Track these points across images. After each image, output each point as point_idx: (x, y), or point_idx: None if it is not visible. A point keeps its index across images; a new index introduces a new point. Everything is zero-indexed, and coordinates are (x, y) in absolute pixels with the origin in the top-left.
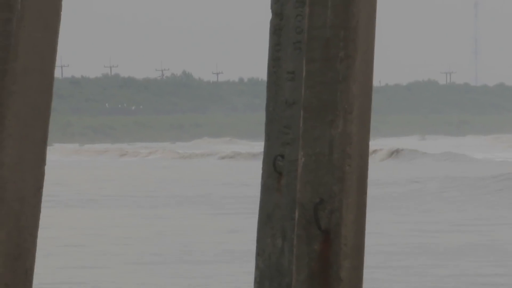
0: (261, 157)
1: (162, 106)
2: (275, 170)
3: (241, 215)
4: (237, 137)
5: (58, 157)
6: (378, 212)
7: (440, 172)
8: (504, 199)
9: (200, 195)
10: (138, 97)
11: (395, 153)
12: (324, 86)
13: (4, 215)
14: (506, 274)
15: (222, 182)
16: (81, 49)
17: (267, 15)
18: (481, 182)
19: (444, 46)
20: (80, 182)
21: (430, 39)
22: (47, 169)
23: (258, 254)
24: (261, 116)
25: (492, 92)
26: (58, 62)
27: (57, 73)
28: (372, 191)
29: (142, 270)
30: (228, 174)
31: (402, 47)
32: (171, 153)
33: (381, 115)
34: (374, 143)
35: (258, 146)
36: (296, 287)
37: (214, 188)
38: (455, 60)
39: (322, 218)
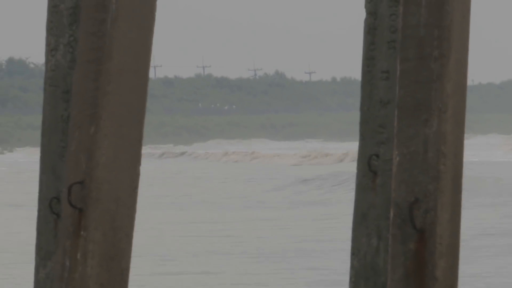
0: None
1: (255, 106)
2: (370, 169)
3: None
4: (329, 137)
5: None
6: None
7: None
8: None
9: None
10: (231, 97)
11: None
12: (418, 85)
13: (99, 216)
14: None
15: None
16: (174, 49)
17: (361, 14)
18: None
19: None
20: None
21: None
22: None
23: (353, 253)
24: (354, 116)
25: None
26: (151, 62)
27: (150, 73)
28: None
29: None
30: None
31: (495, 46)
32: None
33: (474, 114)
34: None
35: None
36: (392, 287)
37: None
38: None
39: (417, 217)
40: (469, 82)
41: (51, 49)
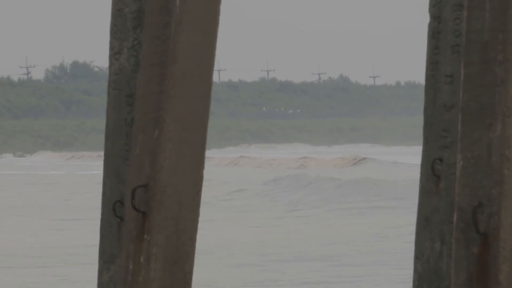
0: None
1: (319, 109)
2: (433, 173)
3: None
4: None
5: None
6: None
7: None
8: None
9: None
10: (295, 101)
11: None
12: (482, 89)
13: (163, 219)
14: None
15: None
16: (238, 53)
17: (424, 18)
18: None
19: None
20: None
21: None
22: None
23: (417, 257)
24: (418, 120)
25: None
26: (215, 66)
27: (215, 77)
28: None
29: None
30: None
31: None
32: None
33: None
34: None
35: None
36: None
37: None
38: None
39: (481, 221)
40: None
41: (115, 53)
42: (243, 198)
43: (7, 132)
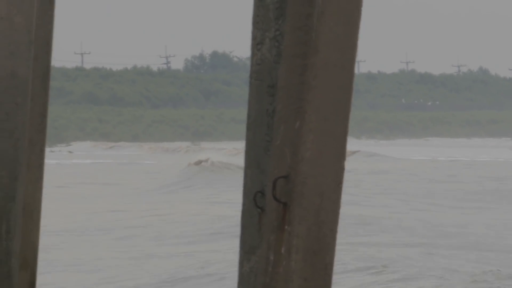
0: None
1: (458, 102)
2: None
3: None
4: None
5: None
6: None
7: None
8: None
9: None
10: (434, 93)
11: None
12: None
13: (304, 210)
14: None
15: None
16: (378, 45)
17: None
18: None
19: None
20: None
21: None
22: None
23: None
24: None
25: None
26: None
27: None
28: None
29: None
30: None
31: None
32: None
33: None
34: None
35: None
36: None
37: None
38: None
39: None
40: None
41: (257, 43)
42: None
43: (146, 121)
